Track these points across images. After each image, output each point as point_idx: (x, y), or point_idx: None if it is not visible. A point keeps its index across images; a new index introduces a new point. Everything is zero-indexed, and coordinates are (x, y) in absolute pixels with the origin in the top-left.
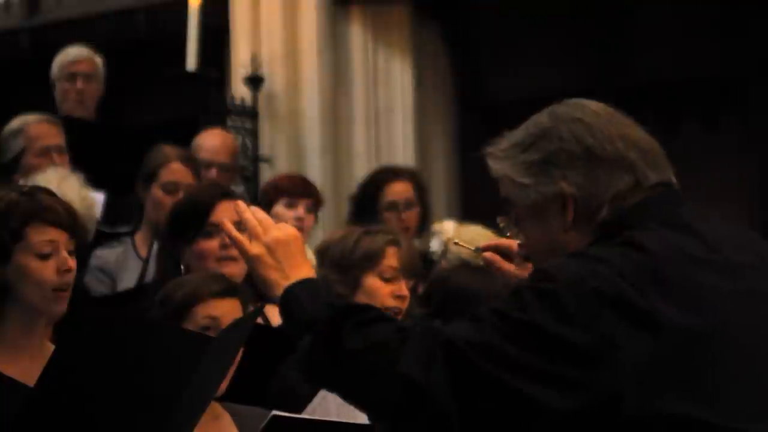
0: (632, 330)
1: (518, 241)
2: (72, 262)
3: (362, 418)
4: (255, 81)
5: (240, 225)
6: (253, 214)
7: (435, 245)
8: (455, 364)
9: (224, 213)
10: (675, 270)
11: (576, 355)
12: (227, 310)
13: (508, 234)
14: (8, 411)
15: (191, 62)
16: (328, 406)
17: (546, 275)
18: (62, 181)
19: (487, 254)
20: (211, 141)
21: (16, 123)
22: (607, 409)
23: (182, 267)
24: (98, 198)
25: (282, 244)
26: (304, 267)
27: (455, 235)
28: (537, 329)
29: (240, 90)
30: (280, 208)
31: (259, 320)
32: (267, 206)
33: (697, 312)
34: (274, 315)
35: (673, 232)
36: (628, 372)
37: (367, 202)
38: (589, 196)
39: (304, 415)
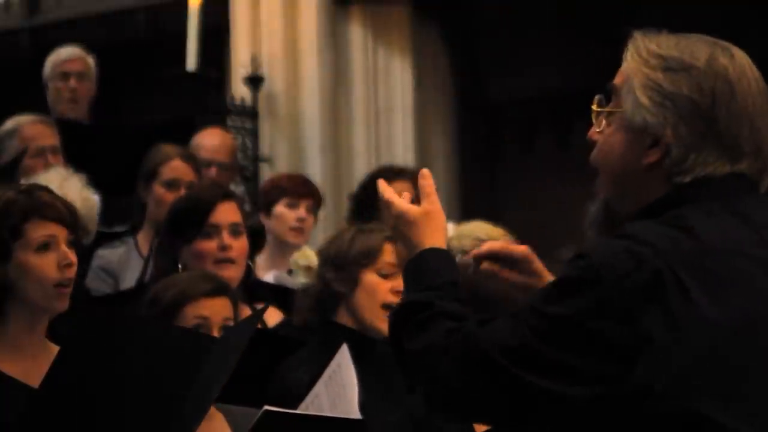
0: (670, 326)
1: (594, 131)
2: (72, 256)
3: (355, 414)
4: (255, 81)
5: (238, 226)
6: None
7: None
8: (491, 373)
9: (224, 214)
10: (721, 263)
11: (612, 350)
12: (217, 310)
13: (594, 110)
14: (8, 411)
15: (191, 62)
16: (320, 404)
17: (588, 264)
18: (64, 182)
19: (485, 265)
20: (211, 140)
21: (9, 124)
22: (636, 402)
23: (180, 266)
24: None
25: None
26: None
27: (455, 234)
28: (573, 324)
29: (240, 90)
30: (281, 208)
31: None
32: (268, 206)
33: (737, 310)
34: (269, 317)
35: (730, 219)
36: (661, 368)
37: (367, 202)
38: (682, 158)
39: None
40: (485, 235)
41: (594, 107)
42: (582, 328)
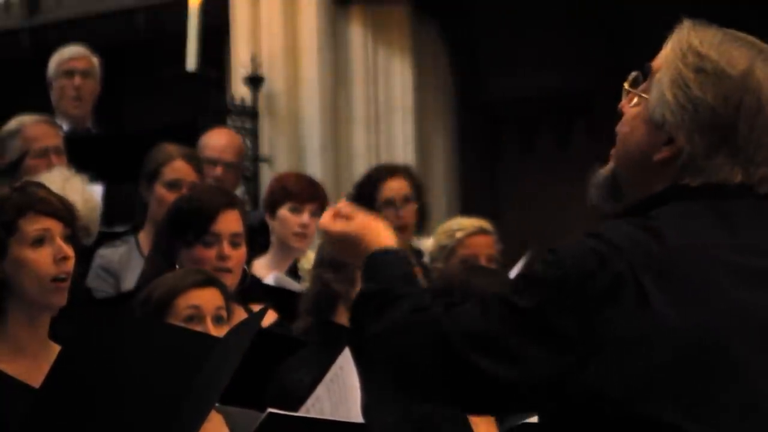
0: (625, 330)
1: (625, 103)
2: (69, 250)
3: (357, 418)
4: (255, 81)
5: (238, 237)
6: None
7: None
8: (449, 356)
9: (226, 223)
10: (689, 268)
11: (569, 346)
12: (208, 299)
13: (625, 88)
14: (8, 411)
15: (191, 62)
16: (322, 406)
17: (555, 260)
18: (65, 182)
19: None
20: (218, 140)
21: (12, 124)
22: (589, 404)
23: (176, 267)
24: (96, 190)
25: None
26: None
27: (434, 234)
28: (535, 316)
29: (240, 90)
30: (285, 211)
31: None
32: (272, 207)
33: (702, 316)
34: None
35: (713, 223)
36: (614, 372)
37: (363, 201)
38: (691, 163)
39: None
40: (458, 226)
41: (626, 85)
42: (542, 321)
